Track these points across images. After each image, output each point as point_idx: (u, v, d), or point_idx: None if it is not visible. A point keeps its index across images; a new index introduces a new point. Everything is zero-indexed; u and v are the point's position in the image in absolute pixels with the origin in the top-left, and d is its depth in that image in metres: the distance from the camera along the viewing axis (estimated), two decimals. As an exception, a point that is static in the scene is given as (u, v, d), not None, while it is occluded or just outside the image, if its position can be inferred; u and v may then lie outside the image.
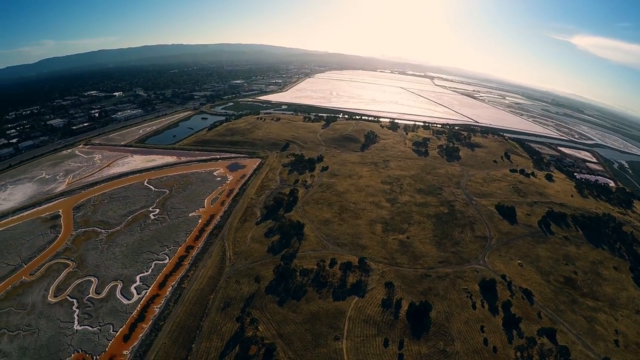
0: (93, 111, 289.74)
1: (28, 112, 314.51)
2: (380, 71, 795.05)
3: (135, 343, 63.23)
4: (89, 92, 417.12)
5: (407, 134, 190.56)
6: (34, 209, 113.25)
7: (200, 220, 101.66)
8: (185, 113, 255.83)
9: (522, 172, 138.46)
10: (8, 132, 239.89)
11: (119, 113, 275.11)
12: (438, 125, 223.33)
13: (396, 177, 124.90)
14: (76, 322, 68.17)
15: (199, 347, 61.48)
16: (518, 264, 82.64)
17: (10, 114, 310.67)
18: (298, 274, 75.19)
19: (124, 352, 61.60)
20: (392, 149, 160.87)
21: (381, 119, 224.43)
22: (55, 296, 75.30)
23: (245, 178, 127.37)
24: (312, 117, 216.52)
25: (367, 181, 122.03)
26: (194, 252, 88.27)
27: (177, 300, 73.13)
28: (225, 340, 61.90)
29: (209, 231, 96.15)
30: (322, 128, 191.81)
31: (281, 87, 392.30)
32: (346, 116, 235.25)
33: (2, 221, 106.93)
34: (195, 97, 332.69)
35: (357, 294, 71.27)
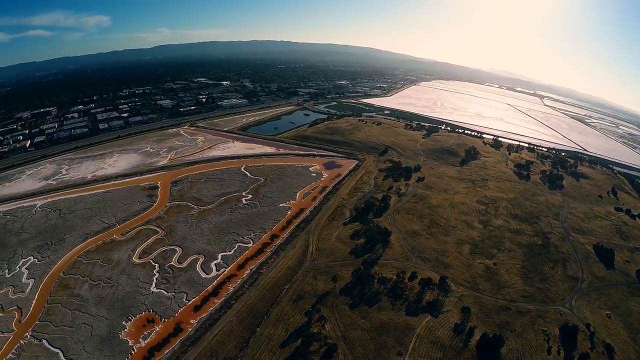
0: (201, 96, 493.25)
1: (141, 91, 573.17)
2: (488, 85, 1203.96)
3: (204, 315, 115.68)
4: (198, 79, 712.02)
5: (509, 154, 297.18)
6: (135, 178, 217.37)
7: (289, 212, 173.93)
8: (289, 108, 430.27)
9: (628, 212, 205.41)
10: (121, 106, 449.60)
11: (225, 101, 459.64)
12: (543, 149, 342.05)
13: (493, 199, 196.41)
14: (154, 285, 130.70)
15: (263, 331, 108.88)
16: (606, 314, 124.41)
17: (124, 90, 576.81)
18: (376, 281, 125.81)
19: (191, 321, 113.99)
20: (492, 168, 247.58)
21: (484, 135, 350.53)
22: (139, 258, 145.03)
23: (340, 178, 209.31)
24: (414, 125, 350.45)
25: (462, 198, 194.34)
26: (278, 241, 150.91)
27: (253, 283, 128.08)
28: (290, 331, 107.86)
29: (296, 224, 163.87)
30: (422, 137, 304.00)
31: (385, 92, 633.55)
32: (448, 128, 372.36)
33: (105, 184, 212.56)
34: (300, 93, 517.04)
35: (430, 312, 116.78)
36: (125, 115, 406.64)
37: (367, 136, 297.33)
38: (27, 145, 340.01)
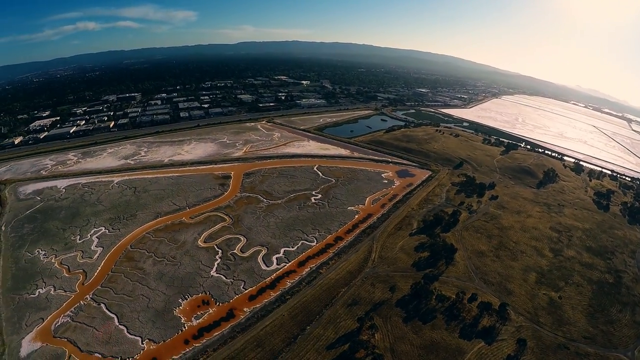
0: (280, 94, 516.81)
1: (222, 84, 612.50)
2: (573, 103, 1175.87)
3: (258, 305, 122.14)
4: (279, 77, 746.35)
5: (590, 180, 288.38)
6: (210, 166, 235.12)
7: (356, 216, 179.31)
8: (366, 112, 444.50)
9: None
10: (202, 97, 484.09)
11: (304, 100, 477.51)
12: (627, 178, 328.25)
13: (567, 227, 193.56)
14: (214, 269, 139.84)
15: (312, 330, 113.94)
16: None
17: (206, 83, 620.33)
18: (434, 297, 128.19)
19: (245, 309, 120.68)
20: (570, 193, 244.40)
21: (565, 158, 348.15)
22: (204, 242, 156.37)
23: (412, 187, 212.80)
24: (492, 140, 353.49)
25: (535, 222, 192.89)
26: (341, 244, 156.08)
27: (310, 282, 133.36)
28: (339, 335, 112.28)
29: (362, 228, 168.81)
30: (500, 154, 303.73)
31: (465, 103, 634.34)
32: (528, 146, 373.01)
33: (180, 169, 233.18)
34: (378, 98, 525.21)
35: (484, 339, 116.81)
36: (205, 106, 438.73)
37: (443, 147, 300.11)
38: (111, 125, 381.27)
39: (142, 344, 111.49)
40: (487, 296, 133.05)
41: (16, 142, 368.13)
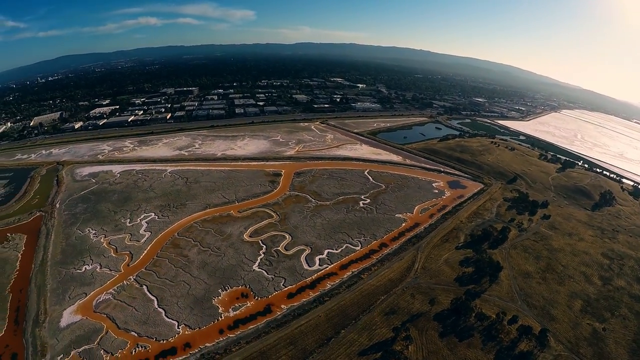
0: (335, 96, 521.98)
1: (278, 83, 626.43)
2: (635, 122, 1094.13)
3: (296, 304, 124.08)
4: (335, 79, 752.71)
5: None
6: (261, 163, 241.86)
7: (403, 224, 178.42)
8: (421, 119, 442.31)
9: None
10: (258, 95, 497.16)
11: (359, 103, 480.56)
12: None
13: (620, 254, 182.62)
14: (256, 264, 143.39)
15: (346, 335, 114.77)
16: None
17: (263, 81, 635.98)
18: (474, 315, 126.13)
19: (282, 306, 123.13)
20: (626, 219, 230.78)
21: (624, 180, 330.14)
22: (250, 236, 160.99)
23: (462, 199, 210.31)
24: (549, 156, 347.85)
25: (587, 247, 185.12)
26: (386, 251, 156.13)
27: (350, 286, 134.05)
28: (373, 342, 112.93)
29: (408, 237, 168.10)
30: (555, 171, 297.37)
31: (523, 116, 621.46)
32: (585, 165, 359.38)
33: (232, 163, 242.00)
34: (434, 105, 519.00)
35: None
36: (261, 103, 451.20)
37: (497, 160, 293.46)
38: (168, 117, 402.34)
39: (178, 328, 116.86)
40: (528, 320, 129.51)
41: (76, 126, 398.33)
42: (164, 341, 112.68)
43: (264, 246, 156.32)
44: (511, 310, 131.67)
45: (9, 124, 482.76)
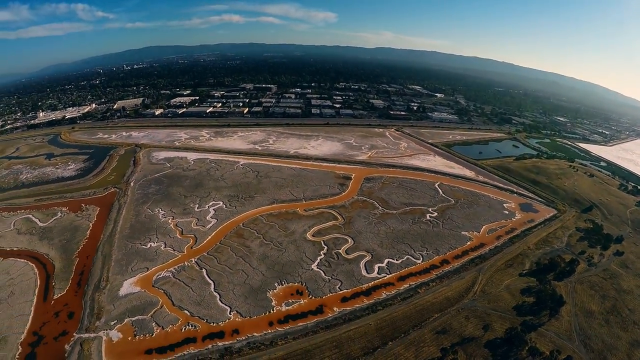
0: (413, 104, 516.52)
1: (356, 87, 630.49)
2: None
3: (348, 308, 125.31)
4: (413, 86, 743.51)
5: None
6: (333, 164, 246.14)
7: (468, 243, 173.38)
8: (498, 134, 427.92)
9: None
10: (335, 97, 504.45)
11: (435, 113, 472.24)
12: None
13: None
14: (315, 263, 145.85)
15: (393, 347, 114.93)
16: None
17: (341, 83, 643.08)
18: (527, 348, 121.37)
19: (334, 309, 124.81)
20: None
21: None
22: (313, 236, 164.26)
23: (533, 224, 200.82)
24: (630, 186, 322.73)
25: None
26: (446, 268, 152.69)
27: (405, 299, 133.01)
28: (418, 359, 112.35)
29: (471, 257, 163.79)
30: (635, 204, 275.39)
31: (606, 140, 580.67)
32: None
33: (304, 162, 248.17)
34: (513, 121, 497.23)
35: None
36: (337, 106, 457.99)
37: (574, 186, 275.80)
38: (245, 112, 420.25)
39: (230, 314, 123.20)
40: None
41: (156, 113, 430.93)
42: (214, 324, 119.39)
43: (326, 247, 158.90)
44: (567, 349, 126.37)
45: (93, 105, 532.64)
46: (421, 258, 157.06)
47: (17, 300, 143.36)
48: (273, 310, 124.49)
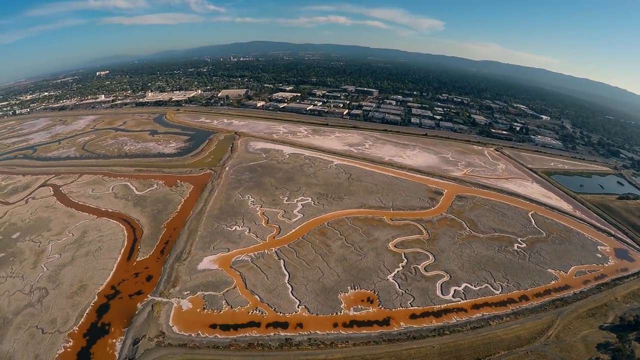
0: (516, 124, 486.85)
1: (459, 100, 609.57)
2: None
3: (415, 326, 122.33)
4: (517, 105, 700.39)
5: None
6: (426, 177, 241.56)
7: (553, 282, 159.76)
8: (603, 168, 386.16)
9: None
10: (436, 108, 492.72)
11: (539, 137, 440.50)
12: None
13: None
14: (392, 275, 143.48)
15: None
16: None
17: (443, 95, 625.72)
18: None
19: (401, 323, 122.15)
20: None
21: None
22: (395, 246, 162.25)
23: (625, 273, 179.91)
24: None
25: None
26: (524, 305, 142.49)
27: (475, 329, 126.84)
28: None
29: (553, 297, 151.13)
30: None
31: None
32: None
33: (397, 170, 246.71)
34: (621, 155, 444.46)
35: None
36: (437, 117, 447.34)
37: None
38: (344, 113, 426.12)
39: (298, 307, 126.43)
40: None
41: (258, 105, 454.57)
42: (281, 314, 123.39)
43: (405, 260, 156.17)
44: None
45: (199, 90, 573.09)
46: (500, 289, 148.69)
47: (103, 255, 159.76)
48: (340, 312, 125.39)
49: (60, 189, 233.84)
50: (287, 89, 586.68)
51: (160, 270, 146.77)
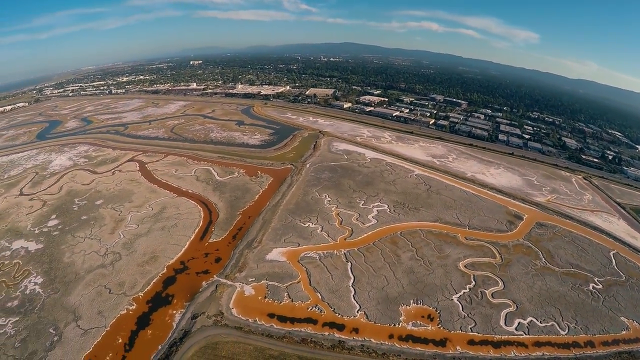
0: (609, 152, 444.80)
1: (550, 120, 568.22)
2: None
3: (470, 352, 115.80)
4: (612, 131, 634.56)
5: None
6: (507, 198, 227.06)
7: (624, 332, 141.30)
8: None
9: None
10: (525, 127, 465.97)
11: (632, 169, 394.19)
12: None
13: None
14: (457, 295, 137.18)
15: None
16: None
17: (534, 112, 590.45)
18: None
19: (457, 347, 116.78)
20: None
21: None
22: (465, 267, 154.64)
23: None
24: None
25: None
26: (588, 351, 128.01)
27: None
28: None
29: (620, 349, 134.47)
30: None
31: None
32: None
33: (478, 188, 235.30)
34: None
35: None
36: (526, 136, 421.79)
37: None
38: (430, 123, 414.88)
39: (357, 312, 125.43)
40: None
41: (345, 106, 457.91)
42: (339, 315, 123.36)
43: (474, 282, 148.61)
44: None
45: (288, 87, 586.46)
46: (567, 330, 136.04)
47: (178, 232, 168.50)
48: (398, 324, 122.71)
49: (146, 165, 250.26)
50: (375, 92, 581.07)
51: (230, 254, 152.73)
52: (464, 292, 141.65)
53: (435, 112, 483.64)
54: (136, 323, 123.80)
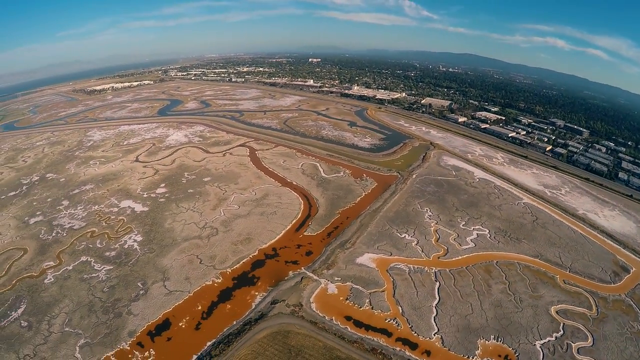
0: None
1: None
2: None
3: None
4: None
5: None
6: (617, 246, 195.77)
7: None
8: None
9: None
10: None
11: None
12: None
13: None
14: (541, 342, 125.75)
15: None
16: None
17: None
18: None
19: None
20: None
21: None
22: (556, 313, 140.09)
23: None
24: None
25: None
26: None
27: None
28: None
29: None
30: None
31: None
32: None
33: (587, 229, 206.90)
34: None
35: None
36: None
37: None
38: (547, 149, 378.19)
39: (434, 335, 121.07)
40: None
41: (459, 120, 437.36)
42: (415, 334, 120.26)
43: (562, 332, 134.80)
44: None
45: (403, 93, 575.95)
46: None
47: (276, 219, 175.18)
48: (472, 358, 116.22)
49: (256, 152, 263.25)
50: (492, 109, 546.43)
51: (321, 250, 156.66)
52: (549, 340, 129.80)
53: (553, 138, 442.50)
54: (218, 295, 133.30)
